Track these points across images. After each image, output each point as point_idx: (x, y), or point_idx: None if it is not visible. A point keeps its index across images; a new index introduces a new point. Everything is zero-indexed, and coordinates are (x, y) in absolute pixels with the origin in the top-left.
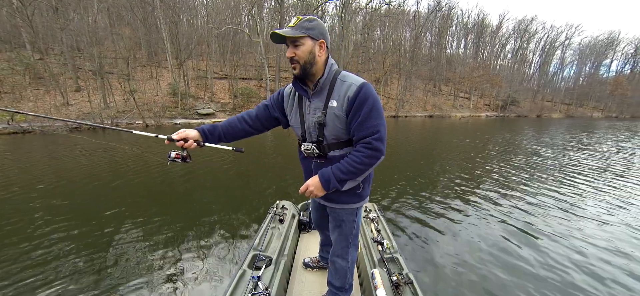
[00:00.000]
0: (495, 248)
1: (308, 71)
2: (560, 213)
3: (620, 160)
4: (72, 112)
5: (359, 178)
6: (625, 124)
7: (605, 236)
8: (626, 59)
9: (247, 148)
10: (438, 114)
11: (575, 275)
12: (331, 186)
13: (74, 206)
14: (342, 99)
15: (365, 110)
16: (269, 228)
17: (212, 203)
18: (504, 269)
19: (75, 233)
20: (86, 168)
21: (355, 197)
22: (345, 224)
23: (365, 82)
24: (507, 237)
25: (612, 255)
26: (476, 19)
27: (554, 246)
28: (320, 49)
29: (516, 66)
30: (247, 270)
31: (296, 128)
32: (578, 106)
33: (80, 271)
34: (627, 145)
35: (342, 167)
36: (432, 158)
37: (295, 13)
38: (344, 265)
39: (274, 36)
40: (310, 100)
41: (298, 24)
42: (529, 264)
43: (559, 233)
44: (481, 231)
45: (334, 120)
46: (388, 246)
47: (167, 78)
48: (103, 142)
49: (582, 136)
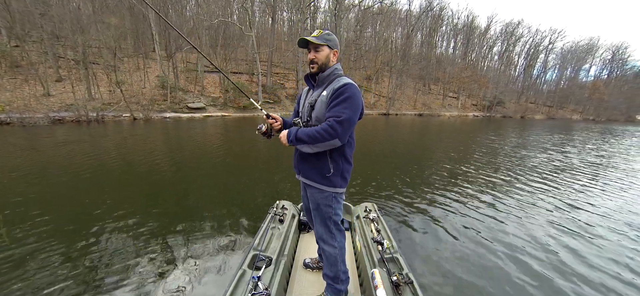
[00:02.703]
0: (496, 248)
1: (322, 70)
2: (560, 212)
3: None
4: (54, 104)
5: (314, 147)
6: (599, 127)
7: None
8: (604, 65)
9: (246, 148)
10: (427, 112)
11: (577, 276)
12: (291, 138)
13: (74, 202)
14: (330, 90)
15: (340, 98)
16: (269, 228)
17: (212, 202)
18: (504, 269)
19: (69, 229)
20: (95, 161)
21: (325, 180)
22: (320, 208)
23: (353, 83)
24: (508, 237)
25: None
26: (466, 20)
27: (555, 245)
28: (334, 56)
29: (502, 67)
30: (247, 270)
31: (299, 110)
32: (559, 108)
33: (72, 272)
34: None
35: (304, 130)
36: (430, 157)
37: (287, 7)
38: (331, 251)
39: (301, 41)
40: (313, 90)
41: (321, 35)
42: (529, 264)
43: (561, 232)
44: (481, 230)
45: (321, 104)
46: (388, 246)
47: (156, 70)
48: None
49: (573, 138)
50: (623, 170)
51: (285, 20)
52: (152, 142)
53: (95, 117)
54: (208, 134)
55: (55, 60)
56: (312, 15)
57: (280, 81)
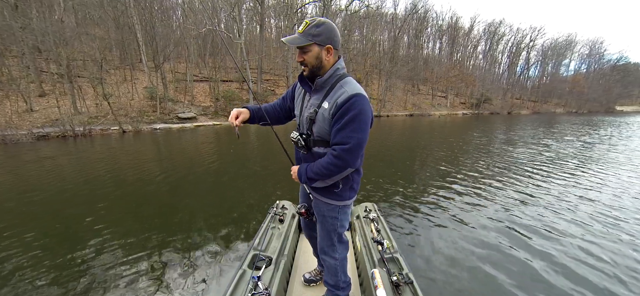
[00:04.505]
0: (496, 247)
1: (316, 73)
2: (560, 211)
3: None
4: (38, 119)
5: (328, 180)
6: (581, 119)
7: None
8: (582, 59)
9: (247, 148)
10: (418, 113)
11: (582, 273)
12: (303, 180)
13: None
14: (333, 102)
15: (346, 119)
16: (269, 228)
17: (212, 202)
18: (504, 268)
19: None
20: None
21: (333, 195)
22: (326, 220)
23: (359, 94)
24: (508, 236)
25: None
26: (450, 22)
27: (556, 245)
28: (328, 53)
29: (487, 66)
30: (247, 270)
31: (296, 117)
32: (543, 103)
33: (77, 276)
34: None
35: (313, 167)
36: (427, 157)
37: (275, 14)
38: (332, 262)
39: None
40: (310, 96)
41: (305, 30)
42: (530, 264)
43: (563, 230)
44: (482, 230)
45: (322, 120)
46: (388, 246)
47: (143, 81)
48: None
49: (564, 131)
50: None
51: (273, 27)
52: (143, 153)
53: (82, 132)
54: (200, 142)
55: (37, 74)
56: (299, 22)
57: (271, 87)
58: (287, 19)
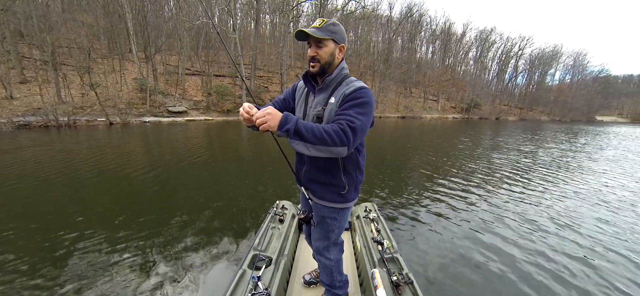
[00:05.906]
0: (496, 247)
1: (326, 70)
2: (558, 212)
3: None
4: (19, 108)
5: (312, 149)
6: (563, 127)
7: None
8: (567, 70)
9: (247, 148)
10: (410, 115)
11: (580, 274)
12: (285, 127)
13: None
14: (341, 94)
15: (353, 102)
16: (269, 228)
17: (212, 202)
18: (504, 268)
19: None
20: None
21: (338, 197)
22: (326, 222)
23: (367, 88)
24: (509, 236)
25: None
26: (443, 27)
27: (557, 245)
28: (340, 52)
29: (478, 72)
30: (247, 270)
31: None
32: (529, 110)
33: (72, 271)
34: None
35: (307, 124)
36: (426, 156)
37: (270, 10)
38: (327, 263)
39: (299, 34)
40: (315, 95)
41: (323, 26)
42: (530, 263)
43: (564, 230)
44: (482, 230)
45: (330, 114)
46: (388, 246)
47: (133, 72)
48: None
49: (560, 139)
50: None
51: (267, 24)
52: (133, 146)
53: (66, 122)
54: (191, 137)
55: (18, 60)
56: (295, 19)
57: (264, 84)
58: (283, 16)
